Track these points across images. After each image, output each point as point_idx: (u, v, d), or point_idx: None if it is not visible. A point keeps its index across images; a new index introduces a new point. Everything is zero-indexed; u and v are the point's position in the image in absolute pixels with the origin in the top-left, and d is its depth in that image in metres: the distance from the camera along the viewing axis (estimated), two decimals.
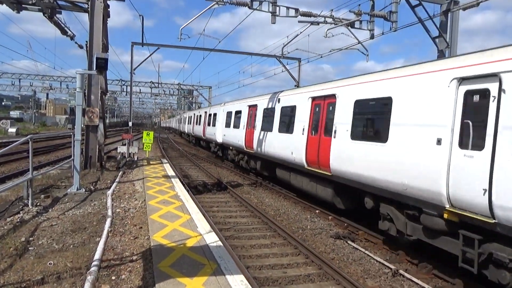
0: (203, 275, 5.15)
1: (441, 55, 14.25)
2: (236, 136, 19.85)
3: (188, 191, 12.13)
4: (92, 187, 11.35)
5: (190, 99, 69.40)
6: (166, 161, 20.03)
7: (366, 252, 8.42)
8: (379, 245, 8.94)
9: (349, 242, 9.08)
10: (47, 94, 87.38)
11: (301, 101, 12.73)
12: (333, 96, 10.70)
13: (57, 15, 15.65)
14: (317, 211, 11.92)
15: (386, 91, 8.43)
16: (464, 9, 13.86)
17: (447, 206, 6.47)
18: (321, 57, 21.76)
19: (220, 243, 6.63)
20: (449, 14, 14.33)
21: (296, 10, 15.02)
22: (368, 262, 7.90)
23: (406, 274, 7.18)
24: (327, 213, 11.53)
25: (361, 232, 9.76)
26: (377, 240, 9.14)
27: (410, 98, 7.68)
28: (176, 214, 8.43)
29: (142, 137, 21.63)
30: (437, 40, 14.62)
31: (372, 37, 16.23)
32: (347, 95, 10.01)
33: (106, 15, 15.24)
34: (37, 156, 22.06)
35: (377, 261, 7.94)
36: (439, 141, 6.70)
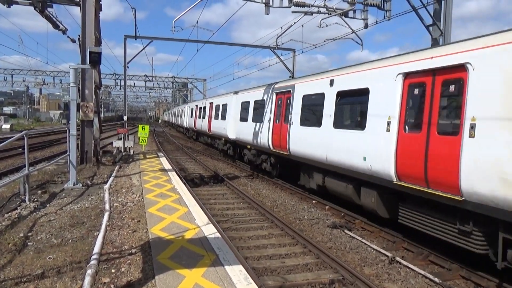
0: (202, 266, 5.20)
1: (435, 43, 14.25)
2: (193, 122, 33.85)
3: (185, 184, 12.16)
4: (89, 182, 11.34)
5: (185, 92, 69.08)
6: (162, 154, 20.02)
7: (363, 240, 8.50)
8: (375, 233, 9.04)
9: (346, 231, 9.17)
10: (40, 89, 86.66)
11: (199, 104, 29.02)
12: (211, 102, 23.34)
13: (48, 9, 15.45)
14: (313, 201, 12.00)
15: None
16: None
17: None
18: (315, 47, 21.70)
19: (218, 234, 6.68)
20: (443, 2, 14.28)
21: (290, 0, 14.95)
22: (365, 250, 7.99)
23: (402, 261, 7.27)
24: (323, 203, 11.61)
25: (357, 221, 9.85)
26: (374, 228, 9.23)
27: None
28: (174, 207, 8.46)
29: (137, 131, 21.60)
30: (430, 28, 14.60)
31: (366, 26, 16.19)
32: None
33: (98, 8, 15.07)
34: (32, 152, 21.95)
35: (374, 249, 8.03)
36: None
